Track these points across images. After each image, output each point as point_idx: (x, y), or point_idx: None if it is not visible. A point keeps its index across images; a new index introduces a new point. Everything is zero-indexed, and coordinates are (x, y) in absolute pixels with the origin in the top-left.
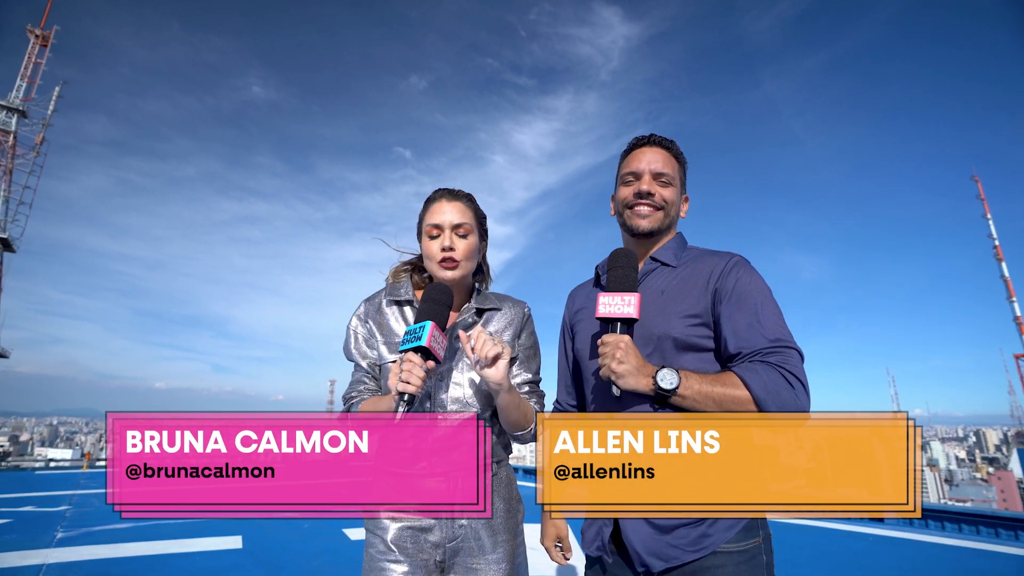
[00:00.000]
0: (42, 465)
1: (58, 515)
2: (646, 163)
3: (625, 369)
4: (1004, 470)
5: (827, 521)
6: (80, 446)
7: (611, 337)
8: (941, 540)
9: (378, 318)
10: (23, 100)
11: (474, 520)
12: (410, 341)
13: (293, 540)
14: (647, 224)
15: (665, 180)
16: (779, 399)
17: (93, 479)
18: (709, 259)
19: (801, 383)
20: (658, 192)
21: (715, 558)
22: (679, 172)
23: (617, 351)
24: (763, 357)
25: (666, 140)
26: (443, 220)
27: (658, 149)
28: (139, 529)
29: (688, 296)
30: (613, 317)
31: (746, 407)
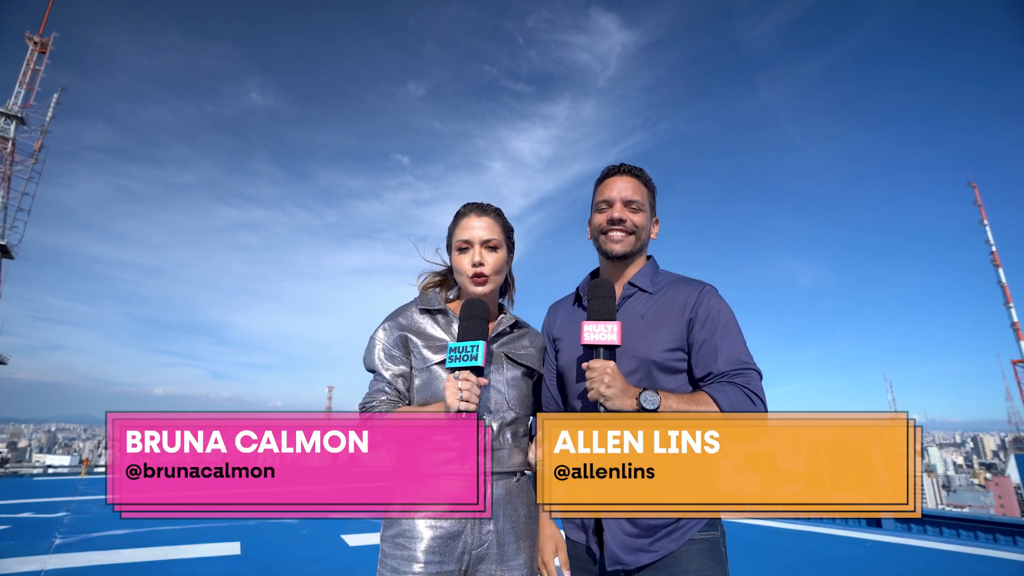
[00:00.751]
0: (40, 471)
1: (56, 521)
2: (617, 191)
3: (612, 392)
4: (1002, 476)
5: (825, 526)
6: (78, 452)
7: (598, 363)
8: (939, 546)
9: (413, 326)
10: (22, 107)
11: (500, 525)
12: (461, 359)
13: (291, 546)
14: (620, 248)
15: (635, 207)
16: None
17: (91, 485)
18: (683, 287)
19: (761, 400)
20: (629, 218)
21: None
22: (648, 198)
23: (605, 376)
24: (729, 378)
25: (635, 169)
26: (472, 236)
27: (628, 177)
28: (137, 535)
29: (667, 323)
30: (598, 344)
31: None
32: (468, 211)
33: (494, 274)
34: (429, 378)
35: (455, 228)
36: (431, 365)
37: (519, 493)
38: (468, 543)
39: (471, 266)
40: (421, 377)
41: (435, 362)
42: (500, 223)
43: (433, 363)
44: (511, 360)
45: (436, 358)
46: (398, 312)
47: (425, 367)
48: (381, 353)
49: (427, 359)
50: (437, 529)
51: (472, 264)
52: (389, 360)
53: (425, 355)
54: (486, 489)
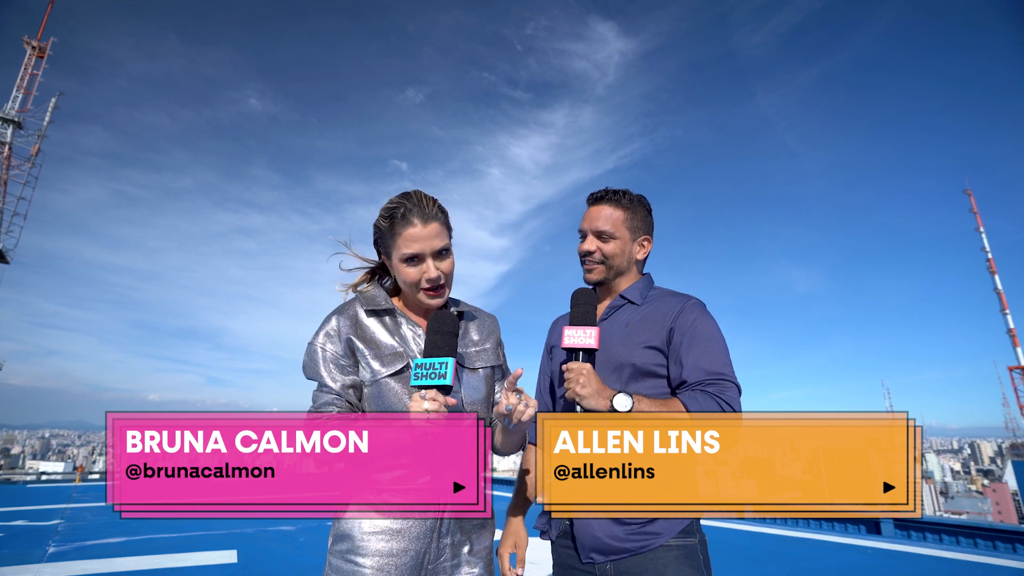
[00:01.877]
0: (34, 478)
1: (50, 529)
2: (589, 222)
3: (587, 392)
4: (999, 482)
5: (825, 533)
6: (72, 459)
7: (575, 365)
8: (939, 553)
9: (359, 332)
10: (19, 111)
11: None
12: (428, 376)
13: (288, 554)
14: (593, 277)
15: (606, 236)
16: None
17: (86, 492)
18: (670, 299)
19: (733, 411)
20: (598, 249)
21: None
22: (625, 221)
23: (580, 376)
24: (704, 387)
25: (613, 194)
26: (423, 248)
27: (602, 206)
28: (133, 543)
29: (649, 330)
30: (576, 347)
31: None
32: (410, 217)
33: (449, 283)
34: (379, 392)
35: (397, 237)
36: (381, 378)
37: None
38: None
39: (426, 280)
40: (370, 390)
41: (385, 375)
42: (445, 222)
43: (383, 376)
44: (463, 367)
45: (386, 370)
46: (341, 313)
47: (374, 380)
48: (328, 362)
49: (376, 371)
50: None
51: (427, 280)
52: (338, 370)
53: (374, 367)
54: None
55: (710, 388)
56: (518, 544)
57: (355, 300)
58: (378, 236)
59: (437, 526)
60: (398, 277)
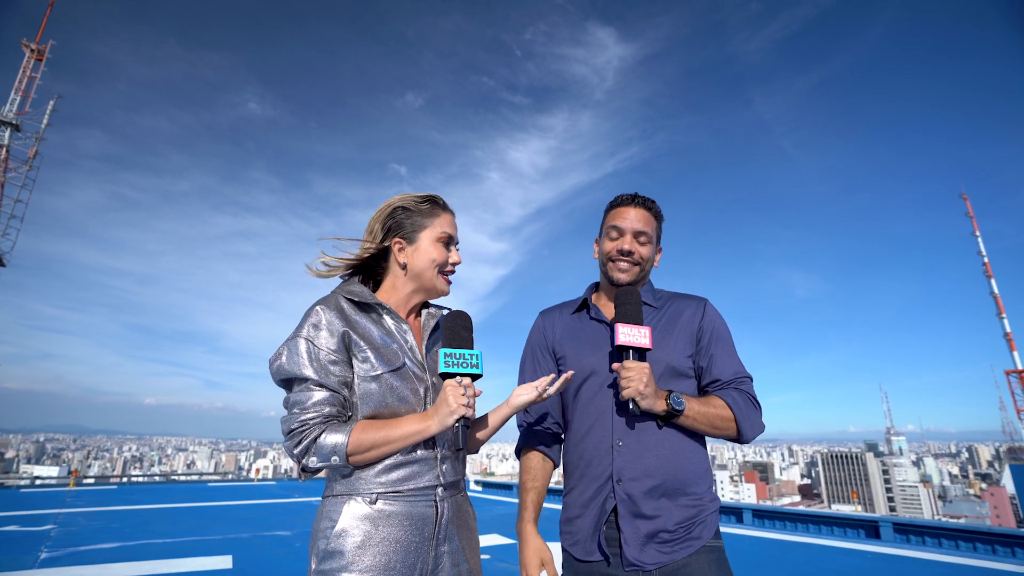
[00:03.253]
0: (27, 483)
1: (43, 534)
2: (629, 222)
3: (649, 392)
4: (997, 486)
5: (824, 537)
6: (67, 463)
7: (634, 364)
8: (938, 557)
9: (352, 326)
10: (17, 114)
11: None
12: (458, 365)
13: (284, 559)
14: (626, 278)
15: (644, 239)
16: (750, 418)
17: (80, 497)
18: (686, 300)
19: (759, 406)
20: (637, 250)
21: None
22: (656, 229)
23: (644, 375)
24: (735, 385)
25: (648, 200)
26: (455, 234)
27: (641, 209)
28: (126, 549)
29: (676, 333)
30: (631, 346)
31: (729, 424)
32: (448, 207)
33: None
34: (379, 388)
35: (436, 218)
36: (383, 374)
37: (466, 506)
38: (424, 570)
39: (451, 264)
40: (368, 386)
41: (387, 371)
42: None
43: (385, 372)
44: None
45: (388, 367)
46: (327, 306)
47: (375, 376)
48: (319, 357)
49: (377, 367)
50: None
51: (452, 263)
52: (331, 366)
53: (374, 362)
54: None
55: (742, 386)
56: (545, 560)
57: (336, 294)
58: (401, 216)
59: (435, 534)
60: (419, 259)
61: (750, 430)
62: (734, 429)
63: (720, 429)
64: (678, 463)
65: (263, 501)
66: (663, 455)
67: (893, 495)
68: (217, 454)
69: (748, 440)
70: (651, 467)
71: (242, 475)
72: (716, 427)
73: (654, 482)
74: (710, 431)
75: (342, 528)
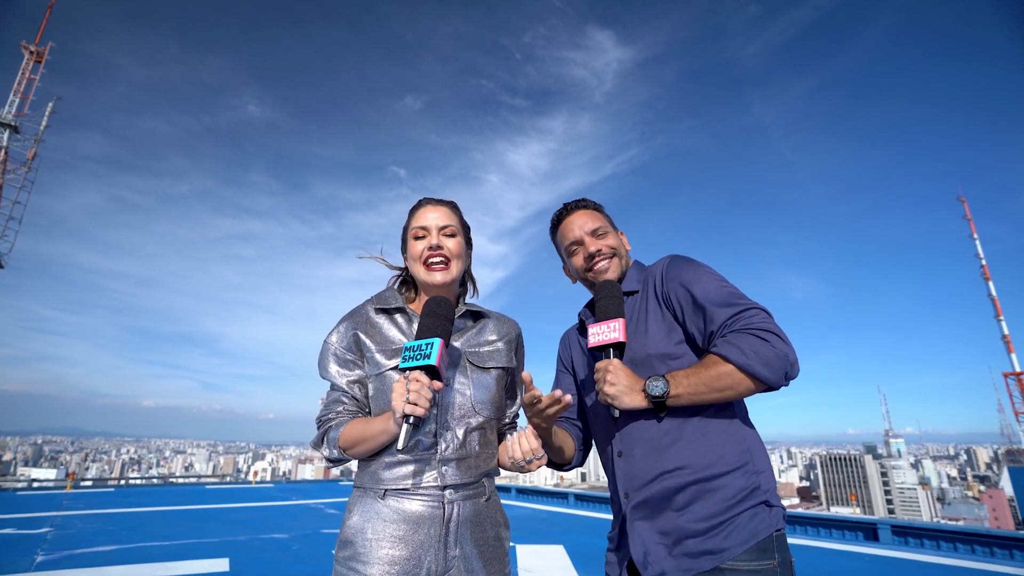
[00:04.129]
0: (24, 485)
1: (39, 537)
2: (578, 228)
3: (617, 390)
4: (995, 488)
5: (822, 539)
6: (65, 465)
7: (602, 363)
8: (937, 559)
9: (367, 328)
10: (15, 115)
11: (467, 549)
12: (414, 359)
13: (281, 562)
14: (613, 274)
15: (600, 232)
16: (760, 357)
17: (77, 500)
18: (655, 269)
19: (774, 334)
20: (603, 245)
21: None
22: (605, 218)
23: (607, 374)
24: (729, 328)
25: (579, 201)
26: (428, 223)
27: (578, 212)
28: (123, 552)
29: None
30: (603, 344)
31: (735, 378)
32: (424, 202)
33: (455, 259)
34: (382, 386)
35: (410, 219)
36: (384, 371)
37: (489, 514)
38: (431, 570)
39: (427, 250)
40: (374, 384)
41: (389, 367)
42: (457, 215)
43: (386, 368)
44: (474, 365)
45: (390, 363)
46: (352, 313)
47: (378, 373)
48: (334, 358)
49: (380, 364)
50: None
51: (428, 248)
52: (343, 366)
53: (378, 360)
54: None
55: (737, 325)
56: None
57: (368, 301)
58: (403, 233)
59: (443, 536)
60: (410, 260)
61: (766, 369)
62: (747, 380)
63: (730, 388)
64: (689, 455)
65: (261, 504)
66: (672, 452)
67: (892, 497)
68: (215, 456)
69: (774, 383)
70: (656, 471)
71: (240, 477)
72: (724, 388)
73: (662, 488)
74: (720, 396)
75: (355, 520)
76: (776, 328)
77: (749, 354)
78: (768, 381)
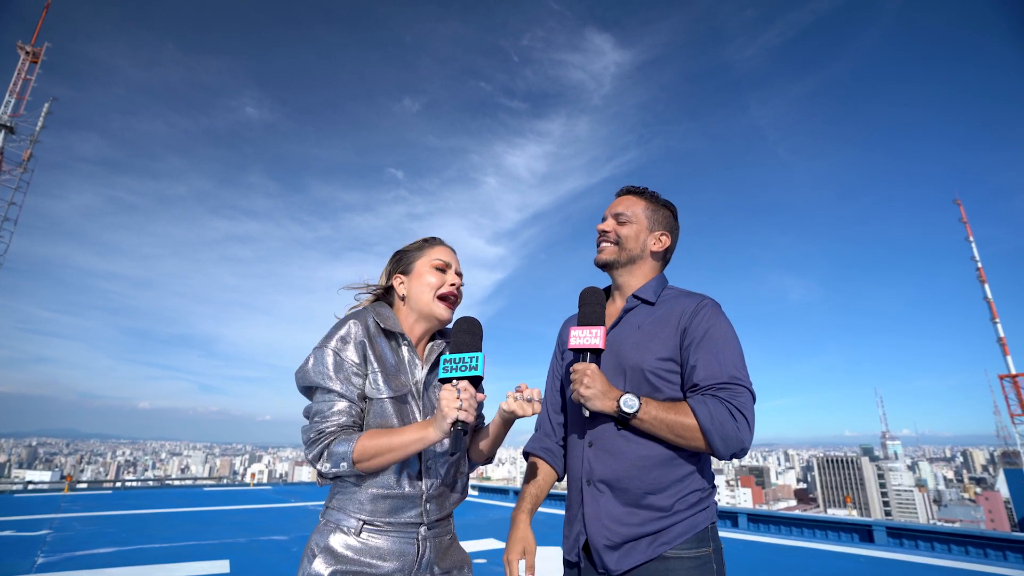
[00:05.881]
0: (20, 487)
1: (39, 539)
2: (610, 208)
3: (592, 393)
4: (991, 490)
5: (818, 541)
6: (60, 467)
7: (580, 365)
8: (931, 560)
9: (372, 344)
10: (11, 116)
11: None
12: (458, 369)
13: (281, 564)
14: (603, 256)
15: (623, 219)
16: (723, 429)
17: (74, 502)
18: (683, 300)
19: (745, 418)
20: (614, 229)
21: (666, 562)
22: (646, 211)
23: (585, 377)
24: (715, 392)
25: (633, 188)
26: (451, 261)
27: (623, 196)
28: (123, 553)
29: (661, 333)
30: (583, 348)
31: (694, 434)
32: (440, 242)
33: (458, 304)
34: (376, 411)
35: (431, 251)
36: (383, 398)
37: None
38: None
39: (448, 286)
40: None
41: (387, 396)
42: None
43: (385, 396)
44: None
45: (389, 392)
46: (358, 321)
47: (377, 398)
48: (344, 368)
49: (380, 390)
50: None
51: (449, 285)
52: (354, 377)
53: (380, 384)
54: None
55: (722, 393)
56: (527, 550)
57: (367, 313)
58: (400, 257)
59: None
60: (416, 287)
61: (722, 444)
62: (702, 441)
63: (685, 439)
64: (642, 469)
65: (259, 506)
66: (630, 460)
67: (888, 499)
68: (212, 458)
69: (724, 456)
70: (616, 471)
71: (237, 480)
72: (680, 436)
73: (619, 486)
74: (673, 440)
75: (327, 555)
76: (750, 414)
77: (715, 423)
78: (716, 453)
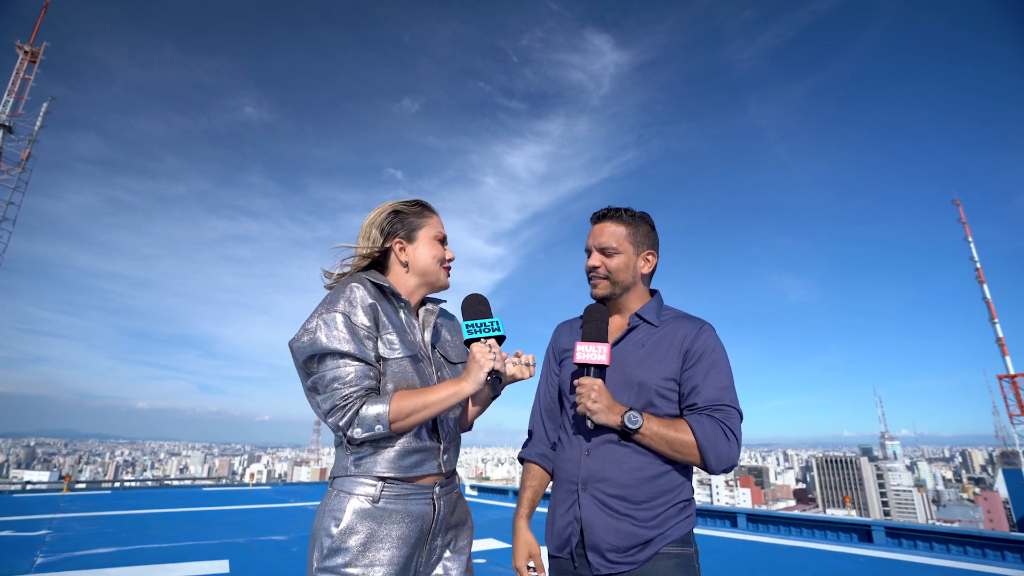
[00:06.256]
0: (19, 488)
1: (38, 540)
2: (593, 239)
3: (598, 407)
4: (990, 490)
5: (817, 541)
6: (58, 468)
7: (587, 380)
8: (930, 560)
9: (380, 305)
10: (9, 115)
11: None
12: (482, 330)
13: (281, 564)
14: (598, 292)
15: (610, 252)
16: (716, 448)
17: (73, 502)
18: (685, 323)
19: (736, 438)
20: (602, 264)
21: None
22: (628, 236)
23: (592, 392)
24: (710, 412)
25: (613, 212)
26: (446, 234)
27: (604, 223)
28: (123, 553)
29: (665, 354)
30: (588, 363)
31: (691, 450)
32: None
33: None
34: (395, 371)
35: (430, 219)
36: (401, 357)
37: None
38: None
39: (448, 260)
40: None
41: (406, 355)
42: None
43: (403, 356)
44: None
45: (406, 351)
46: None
47: (395, 358)
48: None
49: (396, 350)
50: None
51: (449, 259)
52: (368, 341)
53: (395, 345)
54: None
55: (716, 414)
56: (532, 553)
57: (365, 273)
58: (395, 219)
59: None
60: (423, 256)
61: (715, 461)
62: (697, 456)
63: (682, 454)
64: (639, 479)
65: (259, 506)
66: (626, 469)
67: (887, 499)
68: (210, 459)
69: (715, 472)
70: (616, 479)
71: (235, 480)
72: (677, 451)
73: (615, 492)
74: (671, 454)
75: (347, 525)
76: (739, 434)
77: (711, 441)
78: (709, 468)
